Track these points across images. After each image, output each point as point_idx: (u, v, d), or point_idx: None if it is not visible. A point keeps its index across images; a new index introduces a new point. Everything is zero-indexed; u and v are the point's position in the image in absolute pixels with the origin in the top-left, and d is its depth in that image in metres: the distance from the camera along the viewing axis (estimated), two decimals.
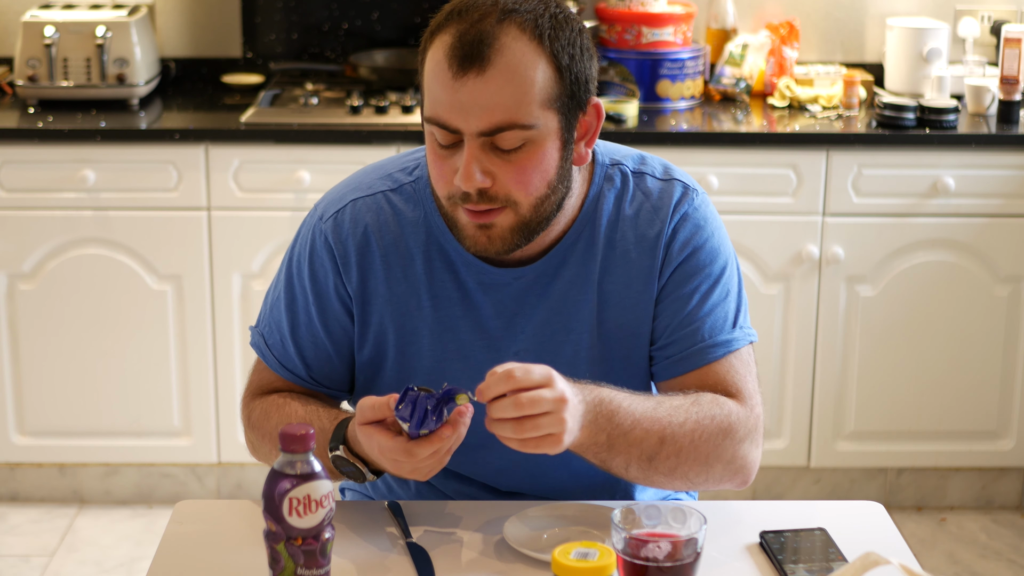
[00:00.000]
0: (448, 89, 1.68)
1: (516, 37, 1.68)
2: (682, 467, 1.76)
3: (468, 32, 1.68)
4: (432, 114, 1.71)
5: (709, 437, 1.76)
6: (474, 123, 1.68)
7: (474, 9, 1.70)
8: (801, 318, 3.51)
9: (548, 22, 1.70)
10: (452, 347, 1.86)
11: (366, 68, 3.79)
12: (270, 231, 3.44)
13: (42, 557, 3.42)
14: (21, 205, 3.44)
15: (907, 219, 3.46)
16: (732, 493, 3.67)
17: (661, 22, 3.68)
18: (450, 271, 1.84)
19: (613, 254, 1.84)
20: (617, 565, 1.55)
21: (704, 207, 1.87)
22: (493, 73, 1.67)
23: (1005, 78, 3.54)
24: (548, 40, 1.69)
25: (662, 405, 1.76)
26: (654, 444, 1.73)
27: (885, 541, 1.79)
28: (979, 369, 3.56)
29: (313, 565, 1.55)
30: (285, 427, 1.54)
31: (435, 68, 1.70)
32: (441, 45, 1.69)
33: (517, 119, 1.69)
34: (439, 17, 1.73)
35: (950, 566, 3.41)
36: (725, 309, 1.85)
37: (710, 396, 1.80)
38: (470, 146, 1.69)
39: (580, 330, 1.85)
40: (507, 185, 1.71)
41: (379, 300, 1.86)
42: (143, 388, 3.53)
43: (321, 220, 1.89)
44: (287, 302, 1.90)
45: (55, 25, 3.59)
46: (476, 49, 1.67)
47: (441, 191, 1.75)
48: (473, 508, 1.85)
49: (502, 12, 1.69)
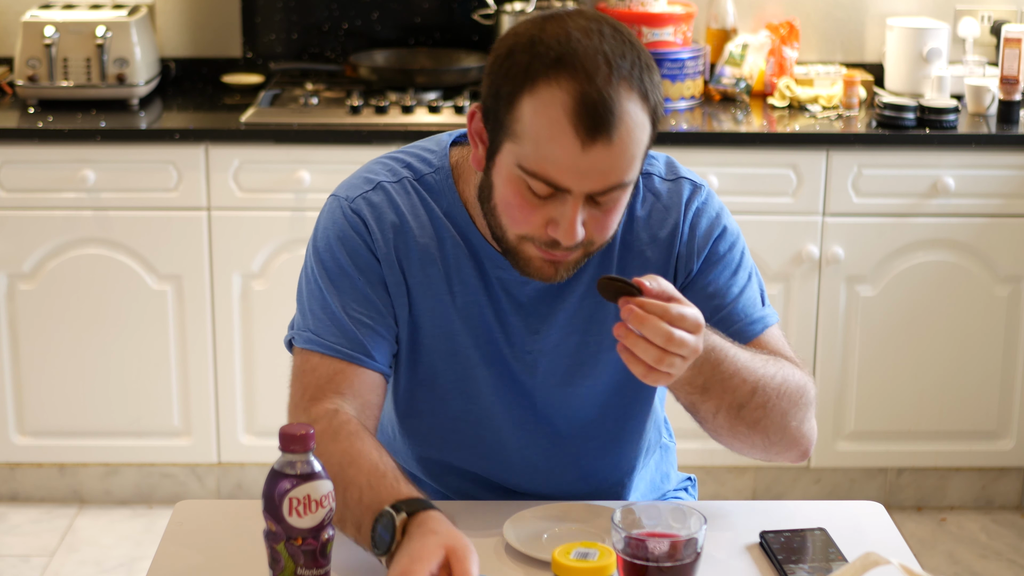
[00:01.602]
0: (571, 154, 1.63)
1: (631, 99, 1.64)
2: (764, 420, 1.78)
3: (590, 94, 1.62)
4: (542, 172, 1.65)
5: (790, 395, 1.79)
6: (588, 185, 1.66)
7: (583, 59, 1.63)
8: (801, 318, 3.51)
9: (645, 74, 1.66)
10: (478, 333, 1.85)
11: (366, 68, 3.79)
12: (270, 231, 3.44)
13: (42, 557, 3.42)
14: (21, 205, 3.44)
15: (907, 219, 3.46)
16: (732, 493, 3.67)
17: (661, 22, 3.68)
18: (474, 262, 1.84)
19: (629, 255, 1.85)
20: (617, 565, 1.55)
21: (713, 200, 1.89)
22: (618, 142, 1.63)
23: (1005, 78, 3.54)
24: (649, 95, 1.66)
25: (757, 356, 1.77)
26: (747, 394, 1.75)
27: (885, 541, 1.79)
28: (979, 369, 3.56)
29: (313, 565, 1.54)
30: (285, 427, 1.53)
31: (552, 129, 1.63)
32: (556, 102, 1.62)
33: (625, 179, 1.67)
34: (535, 57, 1.64)
35: (950, 566, 3.41)
36: (752, 291, 1.89)
37: (779, 358, 1.82)
38: (576, 204, 1.67)
39: (599, 332, 1.86)
40: (593, 232, 1.71)
41: (414, 280, 1.84)
42: (143, 388, 3.53)
43: (348, 200, 1.84)
44: (328, 288, 1.82)
45: (55, 25, 3.59)
46: (604, 118, 1.62)
47: (520, 231, 1.72)
48: (473, 508, 1.85)
49: (613, 69, 1.63)
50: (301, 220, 3.43)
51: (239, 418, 3.55)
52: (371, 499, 1.64)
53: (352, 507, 1.66)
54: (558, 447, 1.90)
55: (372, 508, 1.63)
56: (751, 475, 3.67)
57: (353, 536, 1.68)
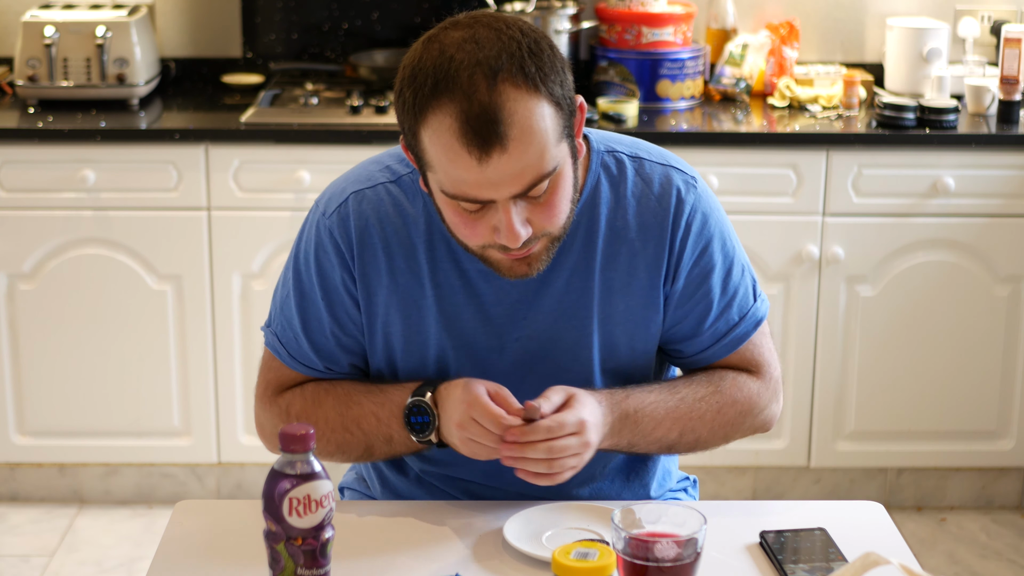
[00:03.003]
0: (474, 172, 1.64)
1: (516, 97, 1.63)
2: (700, 447, 1.92)
3: (471, 110, 1.61)
4: (460, 193, 1.67)
5: (729, 421, 1.90)
6: (506, 191, 1.66)
7: (458, 77, 1.63)
8: (801, 318, 3.50)
9: (530, 60, 1.64)
10: (456, 335, 1.86)
11: (366, 68, 3.79)
12: (270, 231, 3.44)
13: (42, 557, 3.42)
14: (21, 205, 3.44)
15: (907, 219, 3.46)
16: (732, 493, 3.67)
17: (661, 22, 3.68)
18: (452, 259, 1.85)
19: (615, 241, 1.86)
20: (617, 565, 1.56)
21: (705, 194, 1.89)
22: (513, 144, 1.63)
23: (1005, 78, 3.54)
24: (540, 81, 1.65)
25: (684, 401, 1.87)
26: (674, 438, 1.88)
27: (885, 541, 1.79)
28: (979, 369, 3.56)
29: (313, 565, 1.55)
30: (285, 427, 1.54)
31: (448, 153, 1.64)
32: (443, 128, 1.63)
33: (543, 170, 1.67)
34: (417, 90, 1.65)
35: (950, 566, 3.41)
36: (744, 284, 1.92)
37: (731, 379, 1.91)
38: (506, 208, 1.68)
39: (583, 316, 1.86)
40: (542, 223, 1.72)
41: (383, 291, 1.86)
42: (143, 388, 3.53)
43: (324, 216, 1.88)
44: (297, 299, 1.91)
45: (55, 25, 3.59)
46: (489, 128, 1.62)
47: (473, 244, 1.74)
48: (473, 508, 1.85)
49: (488, 72, 1.62)
50: (301, 220, 3.41)
51: (239, 418, 3.55)
52: (387, 411, 1.84)
53: (375, 430, 1.85)
54: None
55: (394, 414, 1.83)
56: (751, 475, 3.67)
57: (385, 452, 1.88)
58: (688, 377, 1.92)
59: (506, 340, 1.86)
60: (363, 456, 1.90)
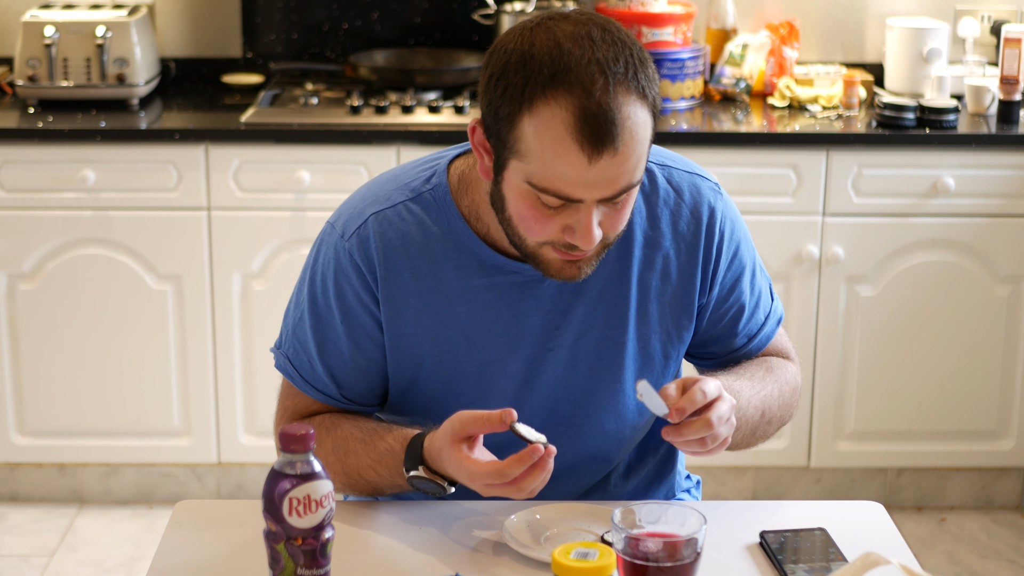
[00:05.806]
0: (579, 169, 1.63)
1: (629, 102, 1.63)
2: (772, 430, 1.94)
3: (590, 108, 1.60)
4: (552, 188, 1.65)
5: (788, 400, 1.95)
6: (599, 194, 1.66)
7: (577, 71, 1.61)
8: (801, 318, 3.50)
9: (640, 71, 1.64)
10: (491, 350, 1.85)
11: (366, 68, 3.79)
12: (270, 231, 3.44)
13: (42, 557, 3.42)
14: (21, 205, 3.44)
15: (907, 219, 3.46)
16: (732, 493, 3.67)
17: (661, 22, 3.68)
18: (482, 274, 1.83)
19: (650, 249, 1.86)
20: (617, 565, 1.56)
21: (729, 200, 1.94)
22: (624, 149, 1.63)
23: (1005, 78, 3.54)
24: (646, 91, 1.65)
25: (756, 381, 1.89)
26: (758, 420, 1.89)
27: (885, 541, 1.79)
28: (979, 369, 3.56)
29: (313, 565, 1.54)
30: (285, 427, 1.53)
31: (556, 146, 1.62)
32: (556, 121, 1.61)
33: (635, 179, 1.68)
34: (529, 76, 1.63)
35: (950, 566, 3.41)
36: (764, 285, 1.99)
37: (775, 361, 1.96)
38: (590, 211, 1.67)
39: (619, 326, 1.86)
40: (608, 230, 1.72)
41: (411, 312, 1.83)
42: (143, 388, 3.53)
43: (343, 238, 1.84)
44: (312, 323, 1.86)
45: (55, 25, 3.59)
46: (607, 129, 1.61)
47: (536, 239, 1.72)
48: (473, 508, 1.85)
49: (609, 72, 1.62)
50: (301, 220, 3.43)
51: (239, 418, 3.55)
52: (387, 468, 1.80)
53: (379, 481, 1.83)
54: (577, 443, 1.89)
55: (396, 471, 1.79)
56: (751, 475, 3.67)
57: (397, 492, 1.86)
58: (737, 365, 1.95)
59: (539, 351, 1.85)
60: (375, 495, 1.89)
